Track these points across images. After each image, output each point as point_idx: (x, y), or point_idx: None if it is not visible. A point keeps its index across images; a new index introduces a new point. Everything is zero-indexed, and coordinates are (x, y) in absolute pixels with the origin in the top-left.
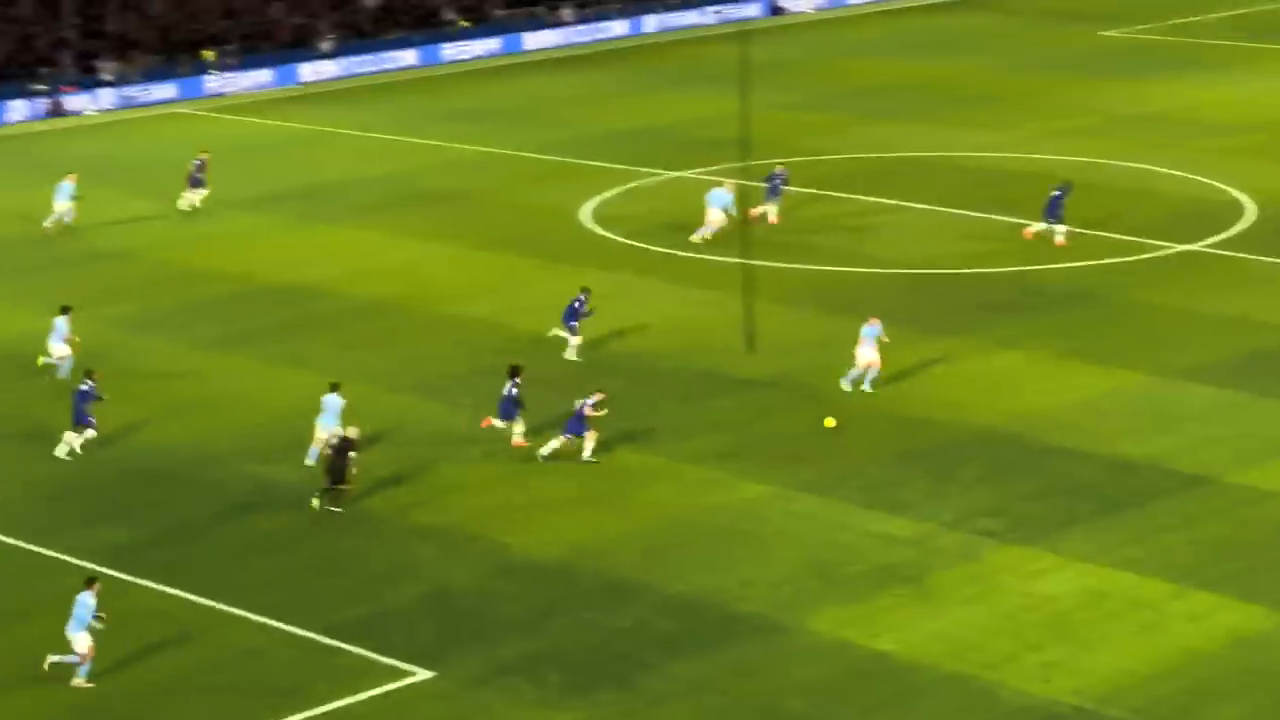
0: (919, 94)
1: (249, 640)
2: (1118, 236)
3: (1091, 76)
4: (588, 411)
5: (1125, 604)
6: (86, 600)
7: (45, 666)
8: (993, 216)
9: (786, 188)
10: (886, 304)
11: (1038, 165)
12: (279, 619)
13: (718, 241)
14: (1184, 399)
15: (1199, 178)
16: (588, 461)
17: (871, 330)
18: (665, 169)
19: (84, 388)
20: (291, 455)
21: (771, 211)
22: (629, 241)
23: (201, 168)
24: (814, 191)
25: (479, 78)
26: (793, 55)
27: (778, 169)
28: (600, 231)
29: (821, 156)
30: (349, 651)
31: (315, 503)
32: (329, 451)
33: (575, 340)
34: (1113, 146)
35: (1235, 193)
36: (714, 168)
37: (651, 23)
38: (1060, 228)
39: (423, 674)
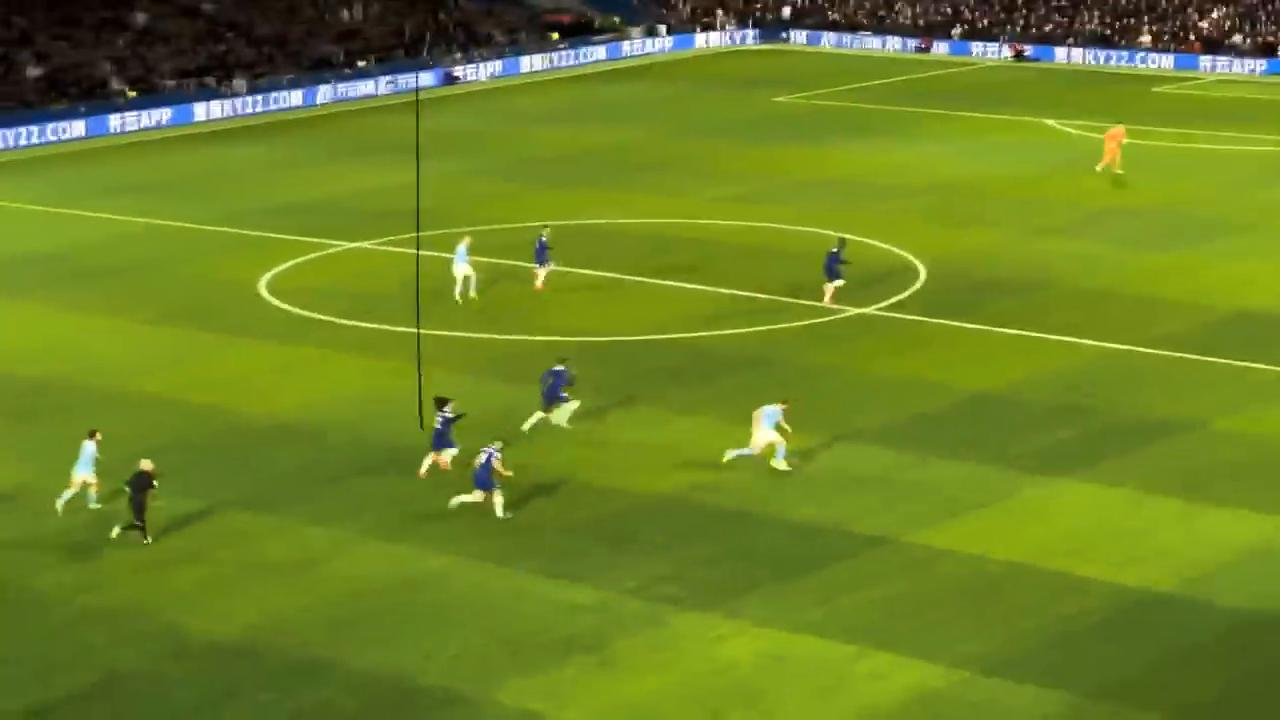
0: (594, 161)
1: None
2: (794, 300)
3: (766, 142)
4: (495, 464)
5: (807, 666)
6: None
7: None
8: (667, 283)
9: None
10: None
11: (713, 231)
12: None
13: (408, 312)
14: (860, 461)
15: (873, 241)
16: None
17: (771, 414)
18: (342, 240)
19: None
20: None
21: (541, 276)
22: (307, 313)
23: None
24: (492, 260)
25: (149, 149)
26: (468, 125)
27: (543, 233)
28: (278, 304)
29: (497, 225)
30: None
31: (115, 532)
32: (128, 489)
33: (568, 407)
34: (788, 212)
35: (907, 255)
36: (391, 238)
37: (325, 93)
38: (838, 282)
39: None
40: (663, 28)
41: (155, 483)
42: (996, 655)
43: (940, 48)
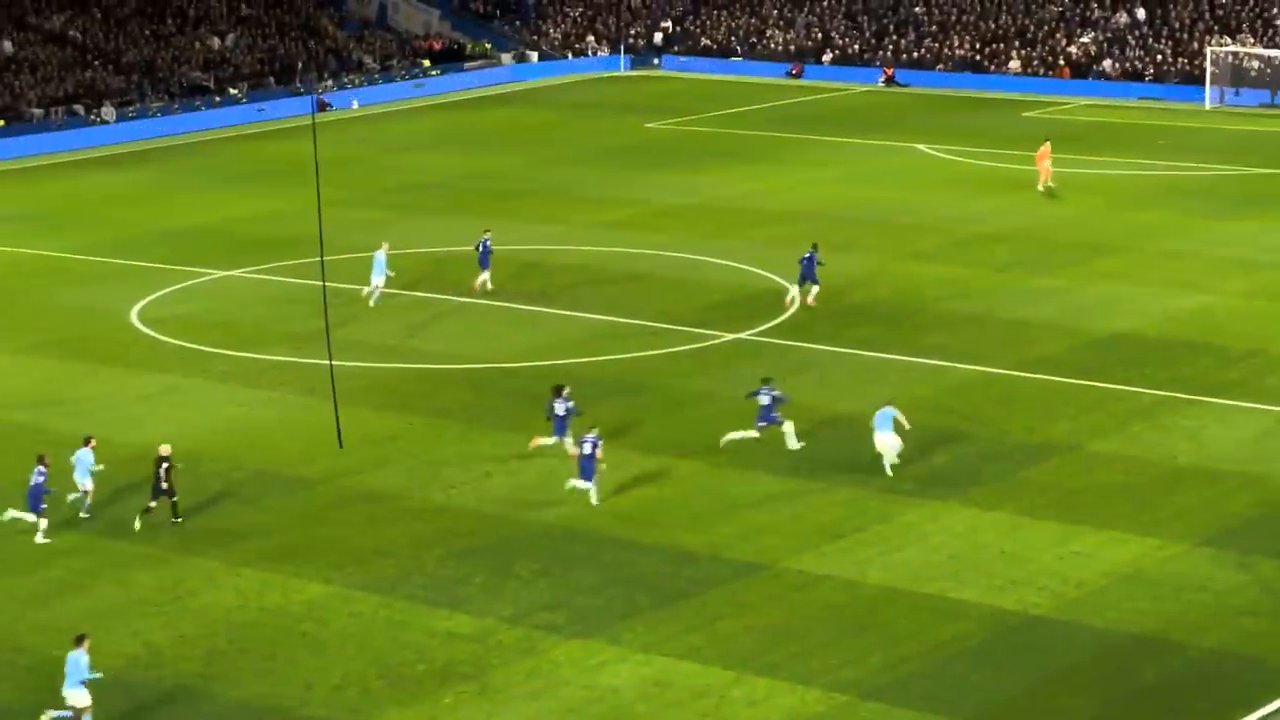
0: (466, 188)
1: None
2: (669, 327)
3: (637, 169)
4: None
5: (686, 693)
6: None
7: None
8: (542, 309)
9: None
10: (441, 400)
11: (587, 257)
12: None
13: (282, 340)
14: (738, 487)
15: (747, 267)
16: None
17: (886, 415)
18: (214, 268)
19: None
20: None
21: (486, 279)
22: (178, 342)
23: None
24: (363, 288)
25: (16, 178)
26: (339, 151)
27: (485, 235)
28: (150, 333)
29: (369, 253)
30: None
31: (135, 527)
32: (155, 472)
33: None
34: (661, 238)
35: (781, 281)
36: (263, 265)
37: (195, 121)
38: (815, 288)
39: None
40: (534, 54)
41: (170, 464)
42: (874, 680)
43: (812, 73)
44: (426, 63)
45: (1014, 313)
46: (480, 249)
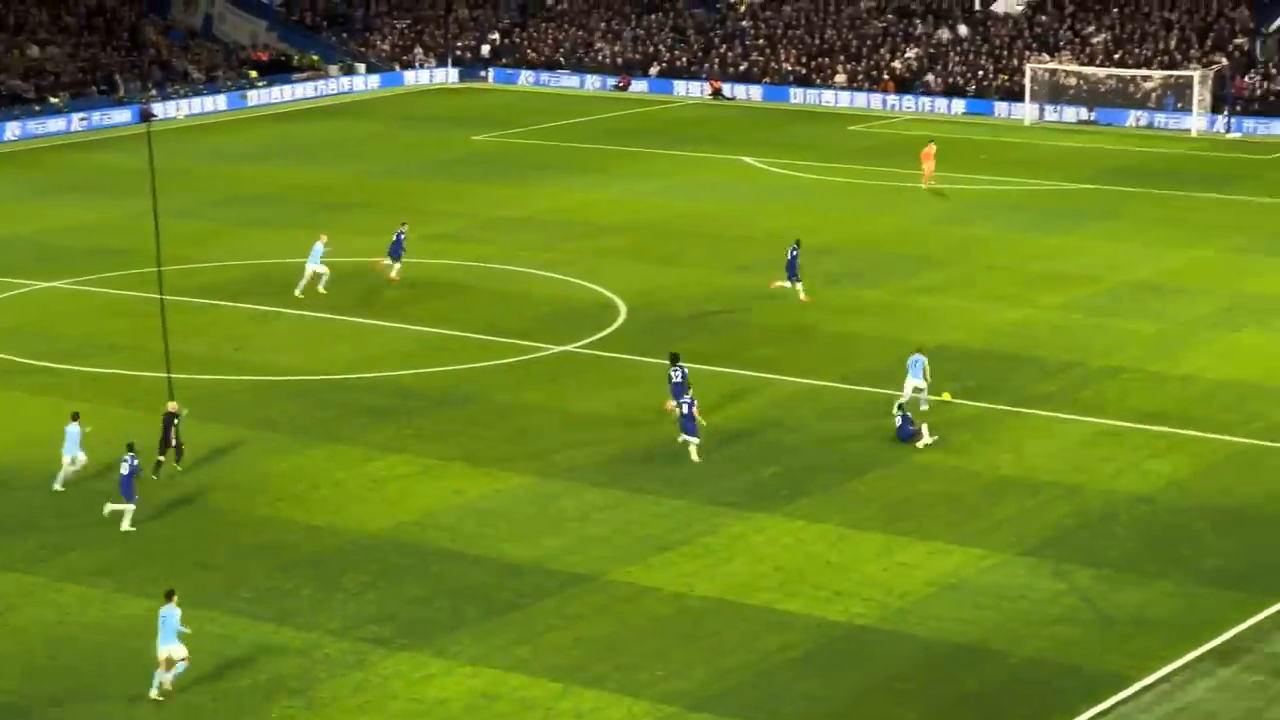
0: (294, 200)
1: None
2: (496, 339)
3: (465, 181)
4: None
5: (514, 705)
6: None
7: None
8: (370, 321)
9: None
10: (268, 411)
11: (416, 270)
12: None
13: (104, 353)
14: (565, 499)
15: (574, 279)
16: None
17: (916, 361)
18: (32, 280)
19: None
20: None
21: (395, 270)
22: None
23: None
24: (189, 300)
25: None
26: (164, 163)
27: (402, 228)
28: None
29: (194, 265)
30: None
31: (154, 477)
32: (164, 424)
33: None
34: (489, 250)
35: (608, 293)
36: (85, 277)
37: (13, 130)
38: (800, 284)
39: None
40: (361, 66)
41: (177, 420)
42: (702, 691)
43: (639, 86)
44: (253, 73)
45: (840, 326)
46: (395, 240)
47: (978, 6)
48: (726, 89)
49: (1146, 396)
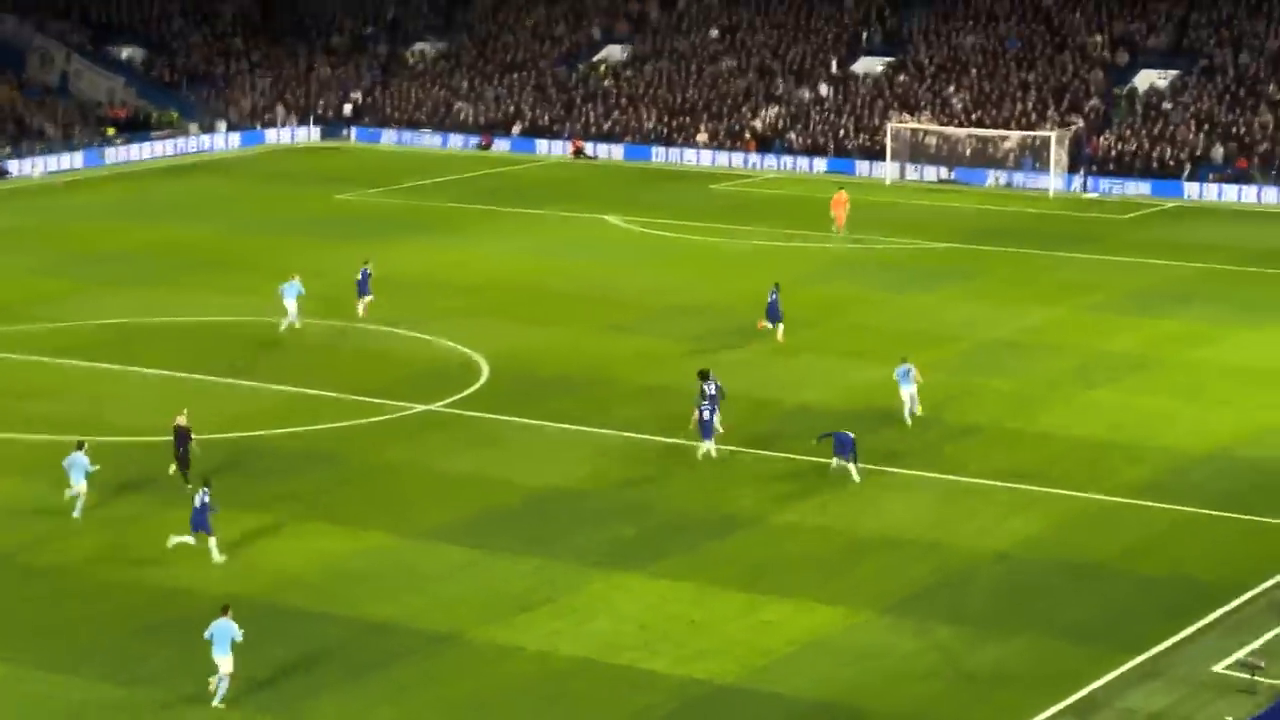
0: (154, 258)
1: None
2: (359, 398)
3: (327, 240)
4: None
5: None
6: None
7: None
8: (232, 381)
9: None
10: (128, 472)
11: (275, 329)
12: None
13: None
14: (428, 558)
15: (437, 339)
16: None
17: (905, 370)
18: None
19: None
20: None
21: (362, 306)
22: None
23: None
24: (46, 360)
25: None
26: (18, 220)
27: (367, 265)
28: None
29: (53, 324)
30: None
31: (189, 486)
32: (175, 441)
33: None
34: (351, 310)
35: (471, 353)
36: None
37: None
38: (780, 326)
39: None
40: (222, 124)
41: (191, 436)
42: None
43: (502, 145)
44: (111, 131)
45: None
46: (361, 277)
47: (834, 69)
48: (589, 148)
49: (1004, 454)
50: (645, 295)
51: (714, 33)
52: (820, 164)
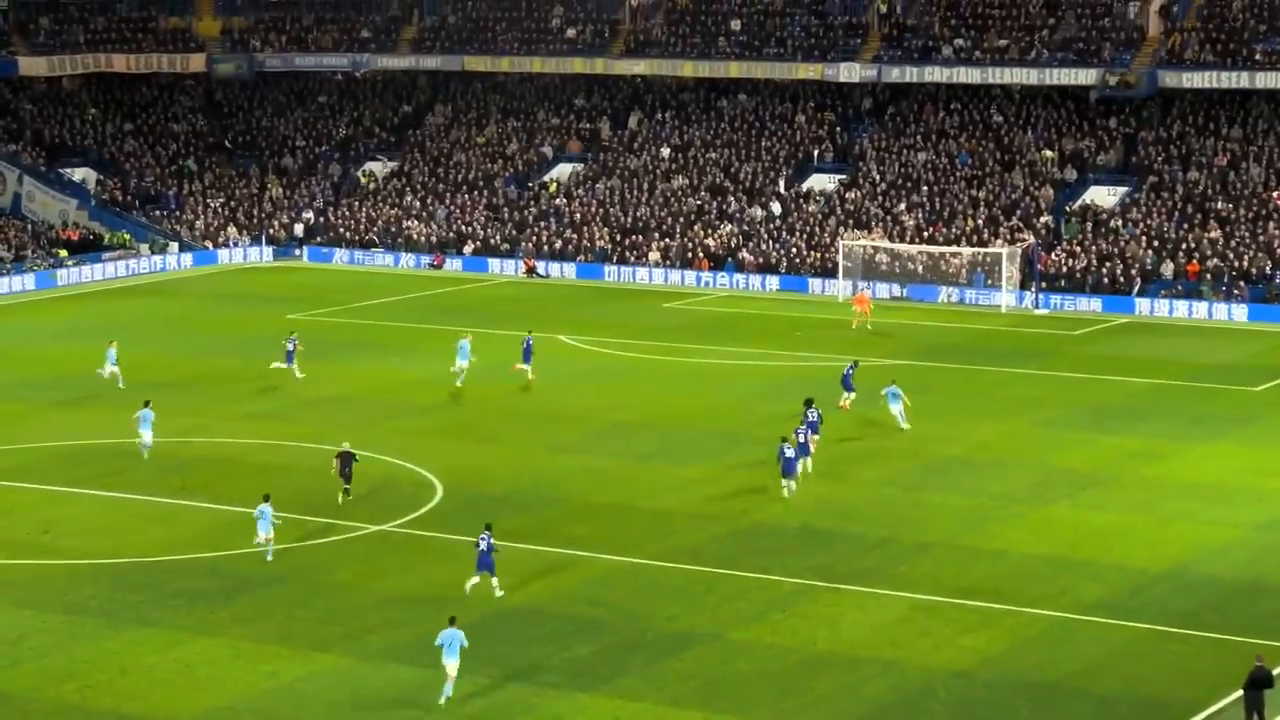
0: (102, 380)
1: None
2: (311, 518)
3: (280, 359)
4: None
5: None
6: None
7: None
8: (184, 502)
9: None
10: (77, 595)
11: (230, 449)
12: None
13: None
14: (379, 679)
15: (388, 458)
16: None
17: (893, 392)
18: None
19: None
20: None
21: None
22: None
23: None
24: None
25: None
26: None
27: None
28: None
29: (3, 446)
30: None
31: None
32: (339, 462)
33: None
34: (303, 429)
35: (424, 472)
36: None
37: None
38: (850, 395)
39: None
40: (174, 245)
41: (355, 456)
42: None
43: (453, 264)
44: (63, 253)
45: (656, 502)
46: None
47: (785, 187)
48: (541, 267)
49: (960, 571)
50: (595, 413)
51: (665, 151)
52: (773, 282)
